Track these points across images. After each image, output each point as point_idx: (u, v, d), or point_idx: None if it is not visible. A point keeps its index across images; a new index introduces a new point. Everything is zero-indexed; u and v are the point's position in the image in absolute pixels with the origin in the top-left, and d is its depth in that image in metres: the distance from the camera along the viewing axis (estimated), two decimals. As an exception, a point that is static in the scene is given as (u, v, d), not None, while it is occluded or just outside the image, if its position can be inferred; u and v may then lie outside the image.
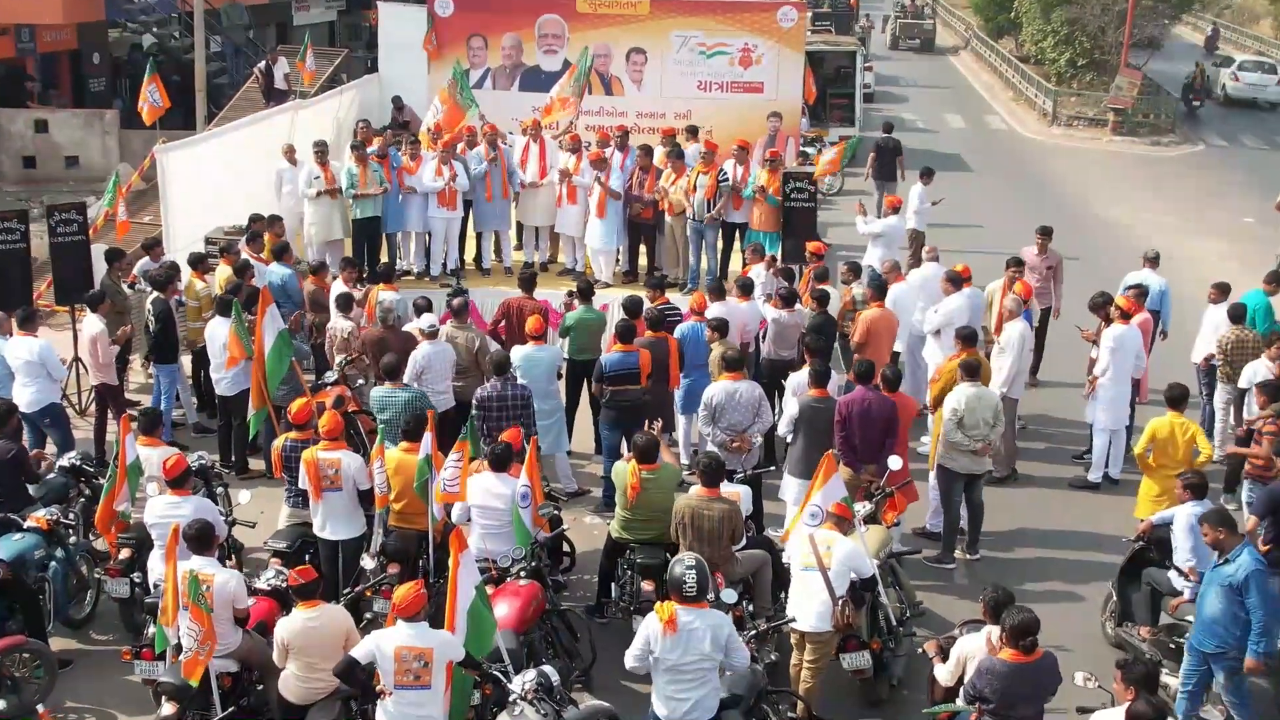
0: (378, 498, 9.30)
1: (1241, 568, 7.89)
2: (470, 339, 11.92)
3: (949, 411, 10.47)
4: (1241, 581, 7.87)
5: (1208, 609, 8.09)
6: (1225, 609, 7.97)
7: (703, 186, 14.85)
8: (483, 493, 9.11)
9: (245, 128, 17.14)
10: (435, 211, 15.44)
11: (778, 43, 19.67)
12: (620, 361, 11.22)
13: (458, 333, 11.98)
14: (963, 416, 10.43)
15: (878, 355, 12.15)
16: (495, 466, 9.19)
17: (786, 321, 12.28)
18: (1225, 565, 8.01)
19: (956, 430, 10.42)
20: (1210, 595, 8.07)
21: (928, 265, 14.00)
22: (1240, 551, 7.97)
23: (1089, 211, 24.48)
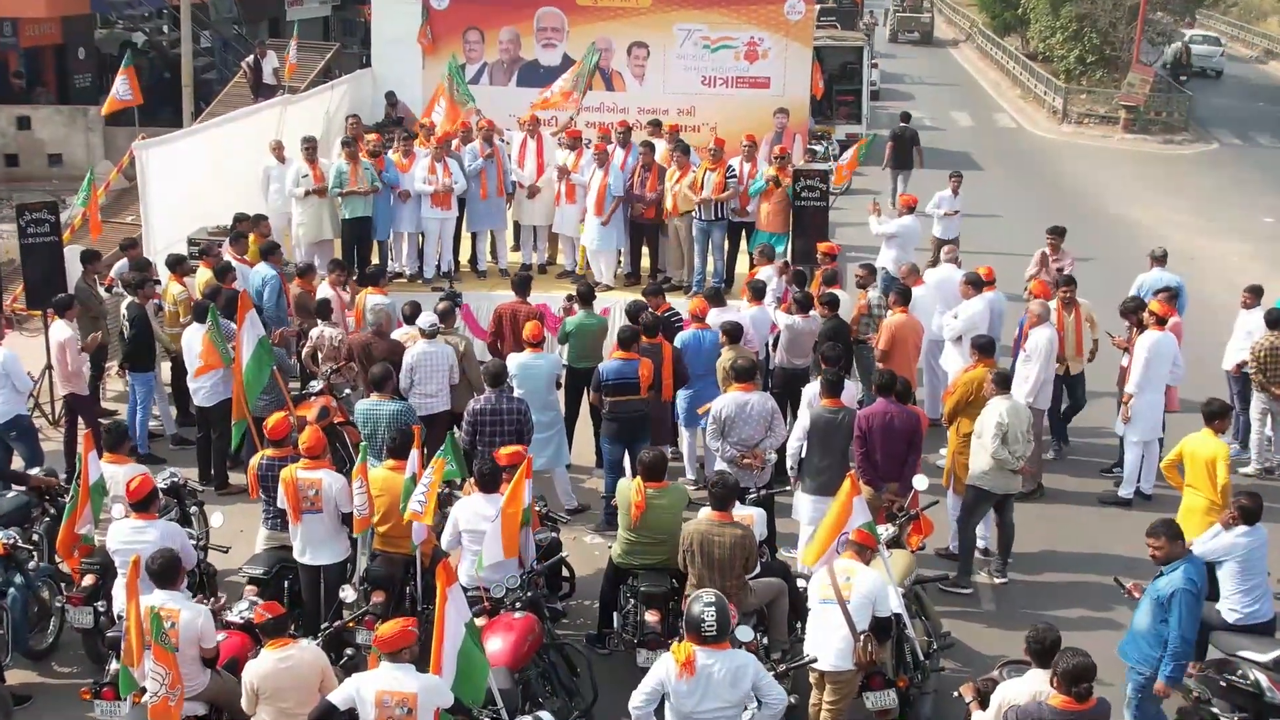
0: (357, 520, 8.59)
1: (1171, 584, 7.47)
2: (454, 343, 11.22)
3: (992, 426, 9.73)
4: (1167, 598, 7.46)
5: (1138, 620, 7.75)
6: (1151, 624, 7.57)
7: (709, 184, 14.14)
8: (471, 515, 8.42)
9: (230, 123, 16.44)
10: (428, 211, 14.74)
11: (785, 36, 18.93)
12: (618, 370, 10.54)
13: (454, 338, 11.29)
14: (1006, 431, 9.72)
15: (904, 364, 11.49)
16: (484, 487, 8.50)
17: (801, 328, 11.57)
18: (1160, 577, 7.59)
19: (1002, 447, 9.71)
20: (1143, 606, 7.72)
21: (945, 267, 13.30)
22: (1176, 567, 7.50)
23: (1104, 211, 23.82)
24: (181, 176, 14.91)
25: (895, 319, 11.67)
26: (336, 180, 14.42)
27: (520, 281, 12.14)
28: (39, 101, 23.42)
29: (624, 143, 15.12)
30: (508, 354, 11.35)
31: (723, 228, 14.44)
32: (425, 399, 11.05)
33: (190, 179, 15.08)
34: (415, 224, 14.96)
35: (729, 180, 14.18)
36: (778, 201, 14.29)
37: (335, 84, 19.03)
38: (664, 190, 14.47)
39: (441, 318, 11.26)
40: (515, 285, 12.14)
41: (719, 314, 11.82)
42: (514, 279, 12.27)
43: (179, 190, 14.87)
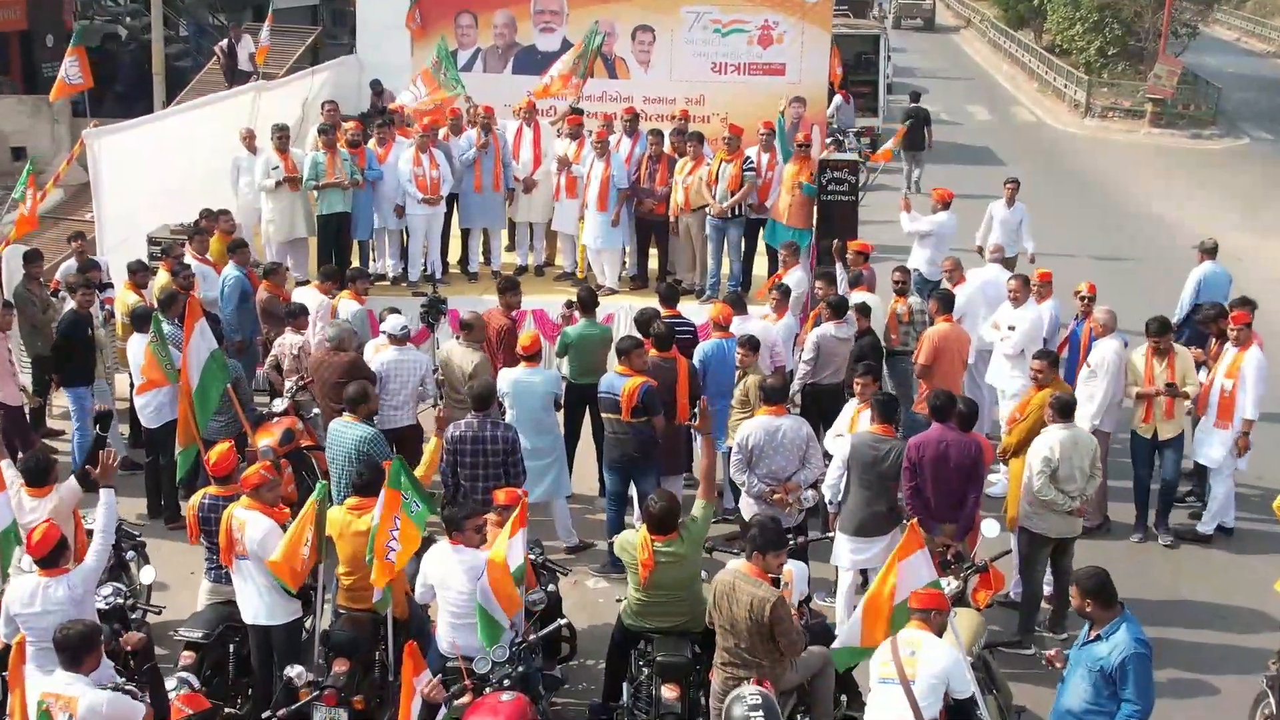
0: (285, 569, 7.06)
1: (1118, 649, 6.08)
2: (468, 359, 9.78)
3: (1039, 461, 8.32)
4: (1115, 666, 6.03)
5: (1069, 698, 6.26)
6: (1092, 699, 6.18)
7: (725, 177, 12.71)
8: (442, 568, 6.98)
9: (196, 111, 15.00)
10: (414, 207, 13.30)
11: (801, 20, 17.43)
12: (608, 385, 9.23)
13: (456, 349, 9.91)
14: (1057, 467, 8.29)
15: (948, 381, 10.08)
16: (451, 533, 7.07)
17: (834, 338, 10.13)
18: (1097, 643, 6.16)
19: (1049, 486, 8.29)
20: (1074, 680, 6.30)
21: (991, 267, 11.86)
22: (1117, 627, 6.15)
23: (1138, 209, 22.43)
24: (140, 168, 13.49)
25: (938, 329, 10.26)
26: (312, 172, 12.99)
27: (504, 286, 10.83)
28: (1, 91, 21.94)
29: (630, 131, 13.70)
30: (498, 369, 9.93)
31: (739, 225, 13.01)
32: (391, 411, 9.78)
33: (151, 171, 13.65)
34: (398, 220, 13.53)
35: (746, 173, 12.74)
36: (801, 194, 12.85)
37: (315, 70, 17.60)
38: (674, 183, 13.06)
39: (464, 327, 9.90)
40: (499, 290, 10.79)
41: (741, 322, 10.41)
42: (499, 284, 10.90)
43: (137, 183, 13.45)
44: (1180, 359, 9.90)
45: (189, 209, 13.13)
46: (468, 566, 6.81)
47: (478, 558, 6.84)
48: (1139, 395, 9.93)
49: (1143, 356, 9.93)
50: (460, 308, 13.14)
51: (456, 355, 9.85)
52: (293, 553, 6.99)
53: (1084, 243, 19.21)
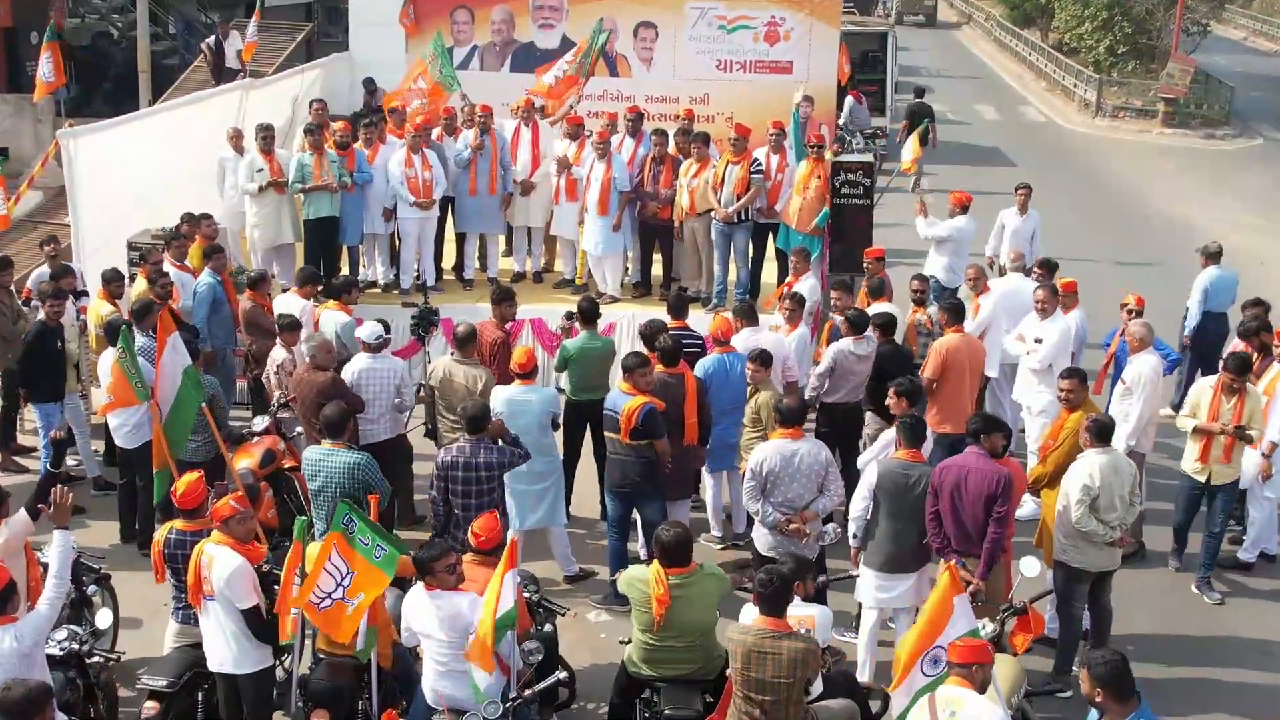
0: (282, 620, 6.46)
1: None
2: (472, 376, 9.13)
3: (1077, 489, 7.68)
4: None
5: None
6: None
7: (732, 179, 12.08)
8: (420, 615, 6.35)
9: (180, 110, 14.36)
10: (405, 211, 12.67)
11: (809, 16, 16.85)
12: (611, 403, 8.62)
13: (457, 367, 9.20)
14: (1096, 495, 7.67)
15: (958, 397, 9.45)
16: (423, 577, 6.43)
17: (853, 354, 9.50)
18: None
19: (1089, 516, 7.66)
20: None
21: (1012, 277, 11.21)
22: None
23: (1154, 211, 21.79)
24: (120, 170, 12.85)
25: (947, 341, 9.55)
26: (298, 174, 12.37)
27: (498, 296, 10.08)
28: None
29: (634, 131, 13.07)
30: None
31: (746, 231, 12.37)
32: (367, 425, 9.24)
33: (131, 173, 13.01)
34: (389, 224, 12.90)
35: (754, 176, 12.11)
36: (814, 197, 12.22)
37: (306, 68, 16.96)
38: (679, 186, 12.43)
39: (459, 344, 9.21)
40: (492, 301, 10.09)
41: (750, 334, 9.78)
42: (492, 295, 10.19)
43: (117, 186, 12.79)
44: (1250, 399, 8.91)
45: (172, 213, 12.49)
46: (446, 615, 6.19)
47: (455, 603, 6.22)
48: (1197, 430, 9.06)
49: (1210, 390, 9.07)
50: (454, 316, 12.61)
51: (459, 374, 9.13)
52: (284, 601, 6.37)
53: (1101, 247, 18.59)
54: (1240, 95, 31.93)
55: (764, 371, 8.97)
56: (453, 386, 9.08)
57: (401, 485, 10.03)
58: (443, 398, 9.12)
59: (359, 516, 6.31)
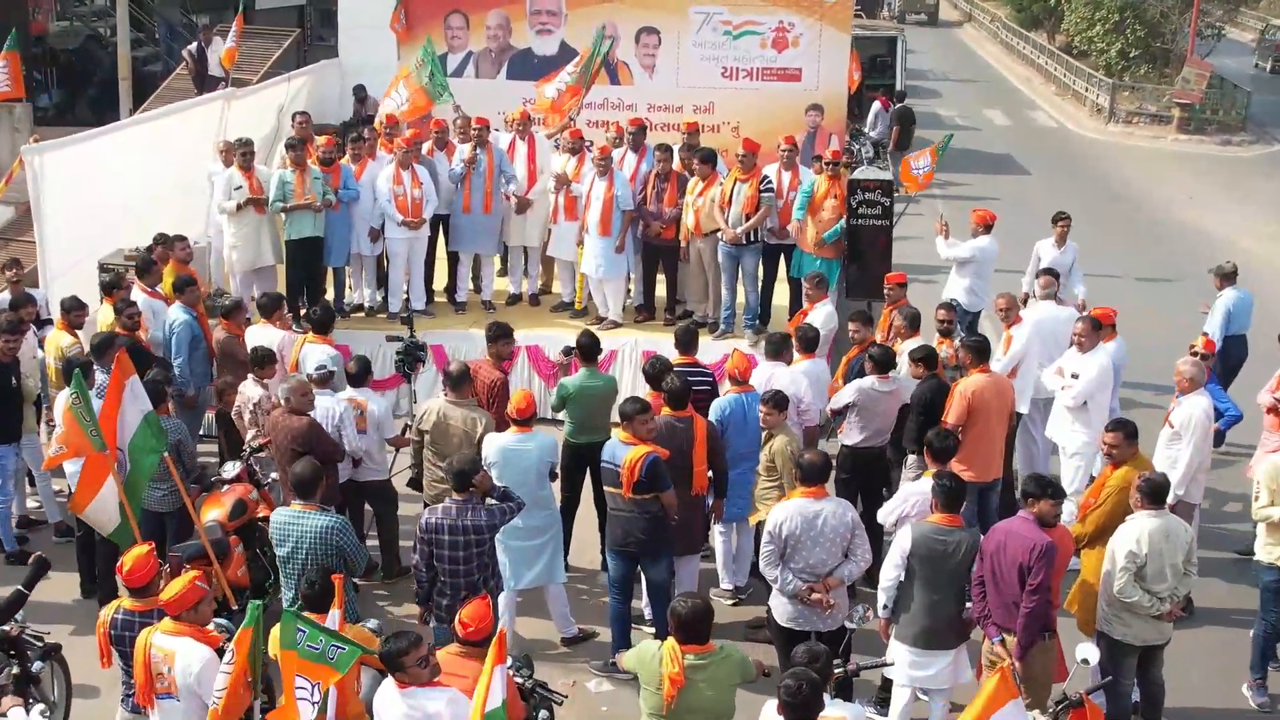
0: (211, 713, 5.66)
1: None
2: (470, 420, 8.32)
3: (1123, 556, 6.91)
4: None
5: None
6: None
7: (741, 198, 11.31)
8: (393, 712, 5.56)
9: (157, 122, 13.58)
10: (393, 231, 11.92)
11: (819, 21, 16.10)
12: (610, 454, 7.78)
13: (453, 410, 8.35)
14: (1144, 563, 6.90)
15: (987, 443, 8.66)
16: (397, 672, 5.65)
17: (880, 394, 8.73)
18: None
19: (1134, 586, 6.89)
20: None
21: (1043, 304, 10.43)
22: None
23: (1173, 221, 21.04)
24: (91, 187, 12.08)
25: (974, 382, 8.64)
26: (278, 192, 11.60)
27: (494, 334, 9.17)
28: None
29: (636, 145, 12.31)
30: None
31: (756, 253, 11.58)
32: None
33: (104, 190, 12.24)
34: (377, 245, 12.14)
35: (764, 194, 11.33)
36: (829, 217, 11.46)
37: (292, 76, 16.17)
38: (685, 205, 11.68)
39: (454, 385, 8.37)
40: (489, 337, 9.21)
41: (769, 367, 9.04)
42: (488, 332, 9.27)
43: (88, 204, 12.01)
44: None
45: (147, 232, 11.71)
46: (419, 717, 5.41)
47: (429, 702, 5.43)
48: None
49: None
50: (446, 343, 11.89)
51: (456, 417, 8.27)
52: (235, 704, 5.59)
53: (1121, 260, 17.84)
54: (1256, 100, 31.19)
55: (778, 415, 8.20)
56: (448, 431, 8.27)
57: (386, 533, 9.32)
58: (435, 443, 8.30)
59: (307, 624, 5.51)
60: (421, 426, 8.37)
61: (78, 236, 11.77)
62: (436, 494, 8.10)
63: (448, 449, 8.14)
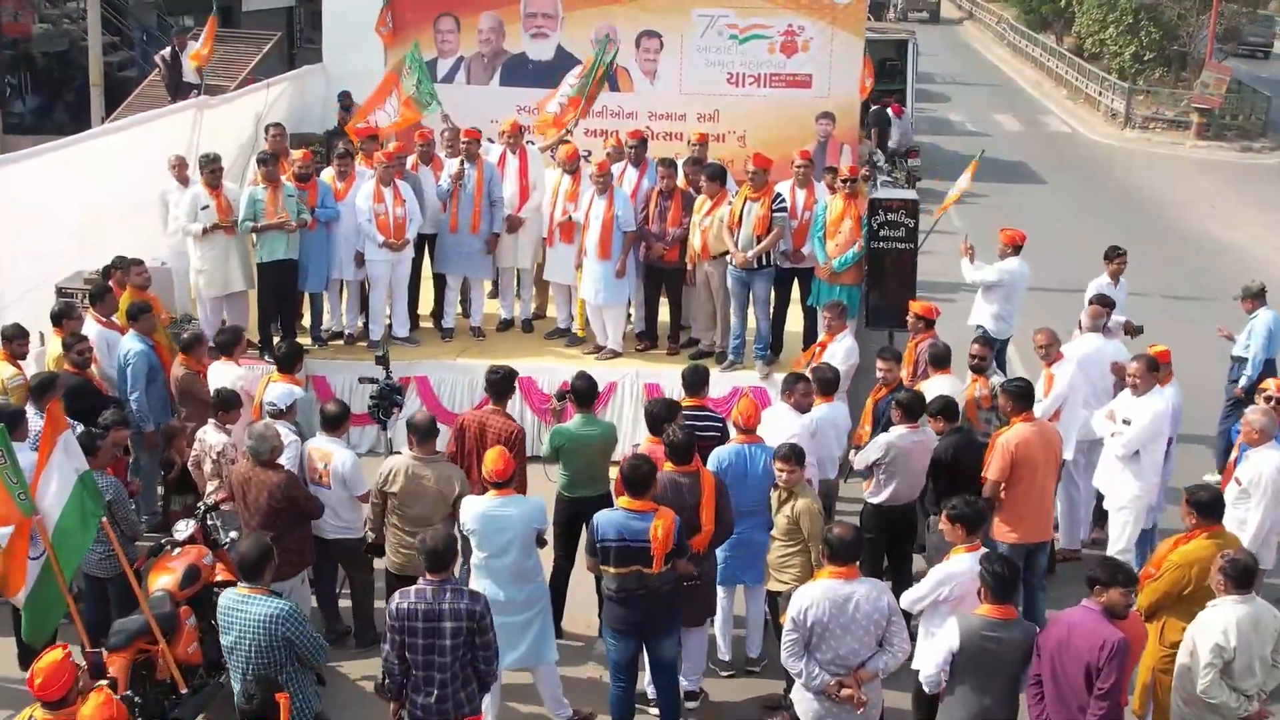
0: None
1: None
2: (445, 479, 7.39)
3: (1208, 650, 5.97)
4: None
5: None
6: None
7: (751, 218, 10.37)
8: None
9: (121, 133, 12.64)
10: (374, 252, 10.99)
11: (831, 24, 15.17)
12: (622, 526, 6.73)
13: (425, 468, 7.40)
14: (1232, 659, 5.97)
15: (1033, 501, 7.71)
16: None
17: (907, 447, 7.80)
18: None
19: (1220, 685, 5.96)
20: None
21: (1088, 338, 9.47)
22: None
23: (1198, 233, 20.11)
24: (49, 204, 11.17)
25: (1017, 434, 7.63)
26: (249, 210, 10.67)
27: (496, 381, 8.12)
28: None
29: (637, 160, 11.39)
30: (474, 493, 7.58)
31: (768, 277, 10.62)
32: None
33: (63, 208, 11.32)
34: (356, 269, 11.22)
35: (776, 215, 10.40)
36: (846, 242, 10.54)
37: (271, 82, 15.24)
38: (691, 225, 10.76)
39: (421, 437, 7.40)
40: (489, 384, 8.18)
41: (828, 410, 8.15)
42: (489, 378, 8.25)
43: (47, 223, 11.11)
44: None
45: (110, 252, 10.78)
46: None
47: None
48: None
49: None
50: (431, 374, 10.97)
51: (430, 475, 7.34)
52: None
53: (1148, 276, 16.86)
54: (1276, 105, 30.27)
55: (798, 472, 7.27)
56: (421, 491, 7.32)
57: (359, 595, 8.38)
58: (405, 506, 7.36)
59: None
60: (388, 488, 7.40)
61: (34, 258, 10.86)
62: (404, 561, 7.20)
63: (418, 512, 7.21)
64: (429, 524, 7.02)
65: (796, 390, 8.09)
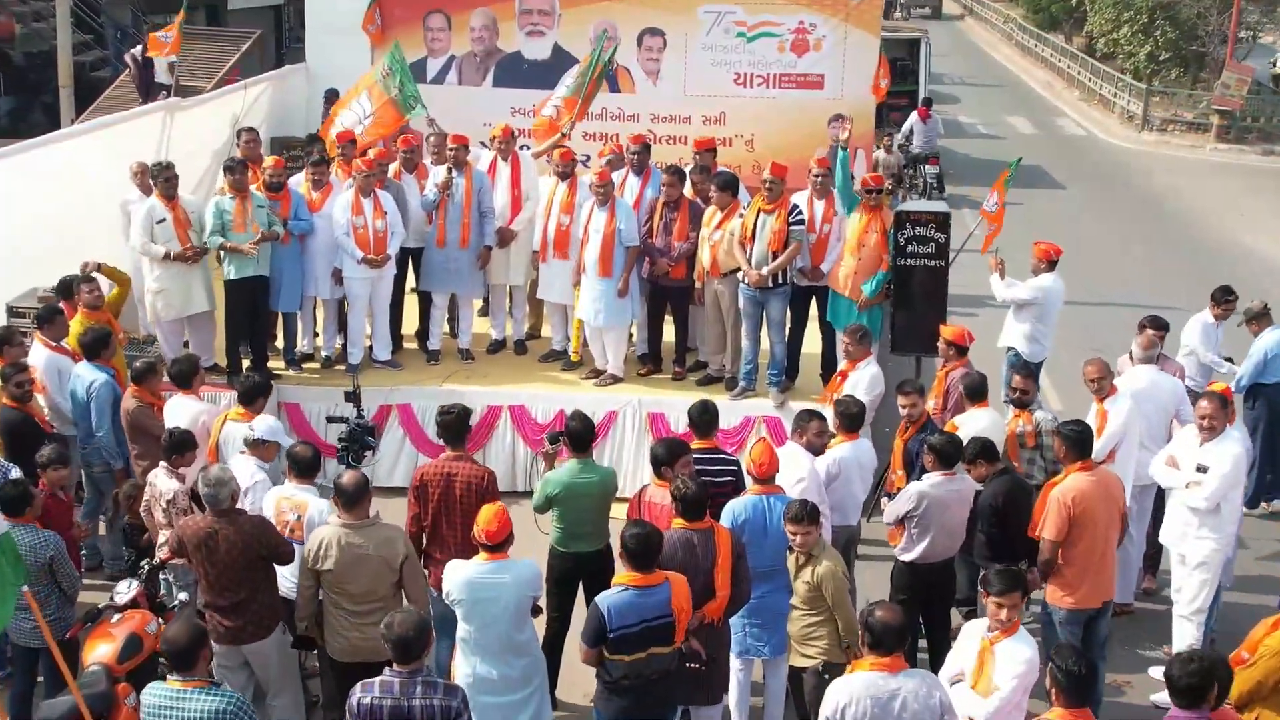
0: None
1: None
2: (387, 543, 6.34)
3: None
4: None
5: None
6: None
7: (767, 231, 9.44)
8: None
9: (85, 137, 11.70)
10: (352, 269, 10.06)
11: (844, 21, 14.35)
12: (631, 607, 5.74)
13: (358, 536, 6.28)
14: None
15: (1093, 561, 6.78)
16: None
17: (945, 498, 6.87)
18: None
19: None
20: None
21: (1142, 370, 8.51)
22: None
23: (1227, 242, 19.11)
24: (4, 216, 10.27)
25: (1075, 487, 6.65)
26: (216, 222, 9.74)
27: (449, 422, 7.07)
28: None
29: (639, 167, 10.46)
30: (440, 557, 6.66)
31: (783, 297, 9.68)
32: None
33: (14, 221, 10.41)
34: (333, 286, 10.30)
35: (793, 228, 9.47)
36: (871, 257, 9.61)
37: (249, 83, 14.30)
38: (700, 239, 9.83)
39: (350, 502, 6.28)
40: (443, 427, 7.10)
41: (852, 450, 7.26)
42: (441, 420, 7.11)
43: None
44: None
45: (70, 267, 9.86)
46: None
47: None
48: None
49: None
50: (414, 401, 10.04)
51: (365, 544, 6.20)
52: None
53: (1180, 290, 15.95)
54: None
55: (813, 533, 6.32)
56: (361, 563, 6.24)
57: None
58: (344, 583, 6.29)
59: None
60: (320, 567, 6.29)
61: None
62: (352, 645, 6.26)
63: (362, 587, 6.25)
64: (376, 598, 6.12)
65: (809, 429, 7.14)
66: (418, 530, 7.02)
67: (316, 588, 6.32)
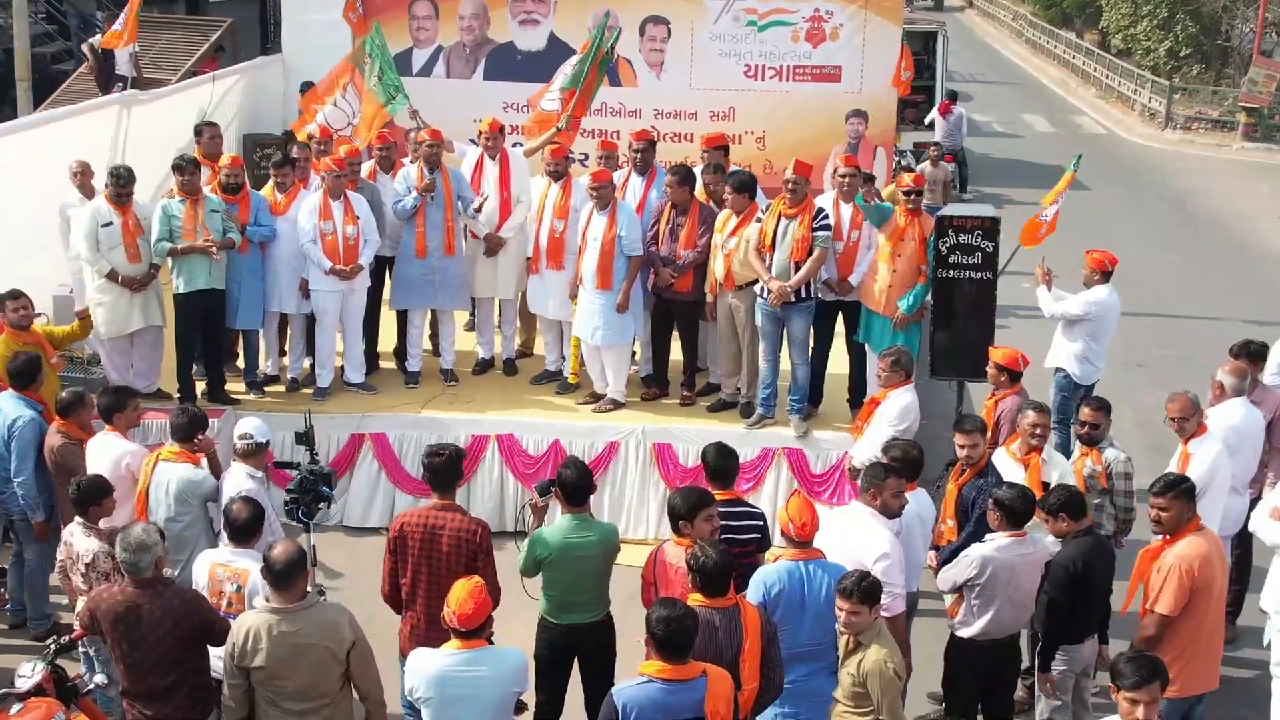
0: None
1: None
2: (327, 627, 5.09)
3: None
4: None
5: None
6: None
7: (789, 238, 8.29)
8: None
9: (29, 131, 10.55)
10: (319, 281, 8.92)
11: (863, 9, 13.33)
12: (656, 705, 4.60)
13: (292, 623, 5.02)
14: None
15: (1207, 641, 5.71)
16: None
17: (1012, 563, 5.73)
18: None
19: None
20: None
21: (1234, 405, 7.29)
22: None
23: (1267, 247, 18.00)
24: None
25: (1193, 551, 5.59)
26: (163, 228, 8.60)
27: (440, 466, 5.95)
28: None
29: (643, 168, 9.33)
30: (412, 639, 5.53)
31: (806, 313, 8.50)
32: None
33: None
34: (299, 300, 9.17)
35: (818, 235, 8.31)
36: (907, 268, 8.47)
37: (218, 75, 13.16)
38: (713, 247, 8.70)
39: (282, 583, 5.03)
40: (431, 472, 5.97)
41: (914, 501, 6.13)
42: (428, 461, 5.98)
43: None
44: None
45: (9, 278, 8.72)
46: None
47: None
48: None
49: None
50: (390, 431, 8.91)
51: (307, 633, 5.02)
52: None
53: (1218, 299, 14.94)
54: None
55: (864, 614, 5.18)
56: (298, 655, 5.03)
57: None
58: (279, 680, 5.07)
59: None
60: (248, 663, 5.07)
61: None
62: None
63: (301, 683, 5.07)
64: (319, 694, 4.96)
65: (886, 488, 5.91)
66: (393, 589, 5.92)
67: (247, 686, 5.13)
